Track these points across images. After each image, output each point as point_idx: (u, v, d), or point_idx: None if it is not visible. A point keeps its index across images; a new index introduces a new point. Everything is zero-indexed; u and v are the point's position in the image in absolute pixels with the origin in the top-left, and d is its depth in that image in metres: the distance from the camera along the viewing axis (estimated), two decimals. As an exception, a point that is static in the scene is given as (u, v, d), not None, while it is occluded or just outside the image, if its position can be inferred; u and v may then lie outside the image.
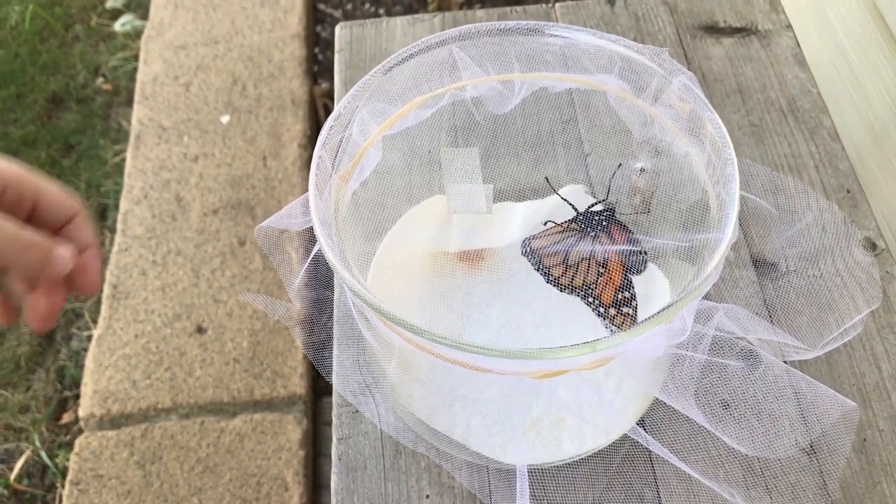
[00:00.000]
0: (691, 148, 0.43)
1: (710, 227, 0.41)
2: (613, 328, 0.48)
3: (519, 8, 0.78)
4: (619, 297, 0.47)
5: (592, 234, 0.49)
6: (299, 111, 1.52)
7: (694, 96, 0.43)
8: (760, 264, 0.61)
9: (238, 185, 1.42)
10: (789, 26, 0.76)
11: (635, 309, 0.48)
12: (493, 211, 0.54)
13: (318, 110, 1.58)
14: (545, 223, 0.51)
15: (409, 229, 0.57)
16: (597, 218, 0.49)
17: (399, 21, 0.77)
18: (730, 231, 0.38)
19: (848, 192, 0.65)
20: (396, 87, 0.48)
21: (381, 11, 1.87)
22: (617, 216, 0.49)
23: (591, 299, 0.48)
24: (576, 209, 0.50)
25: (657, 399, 0.49)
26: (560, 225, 0.50)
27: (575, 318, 0.51)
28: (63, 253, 0.37)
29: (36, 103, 1.77)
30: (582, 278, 0.48)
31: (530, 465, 0.47)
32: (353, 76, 0.74)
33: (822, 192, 0.66)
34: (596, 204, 0.50)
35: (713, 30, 0.76)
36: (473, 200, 0.52)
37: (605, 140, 0.52)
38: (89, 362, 1.28)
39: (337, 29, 0.77)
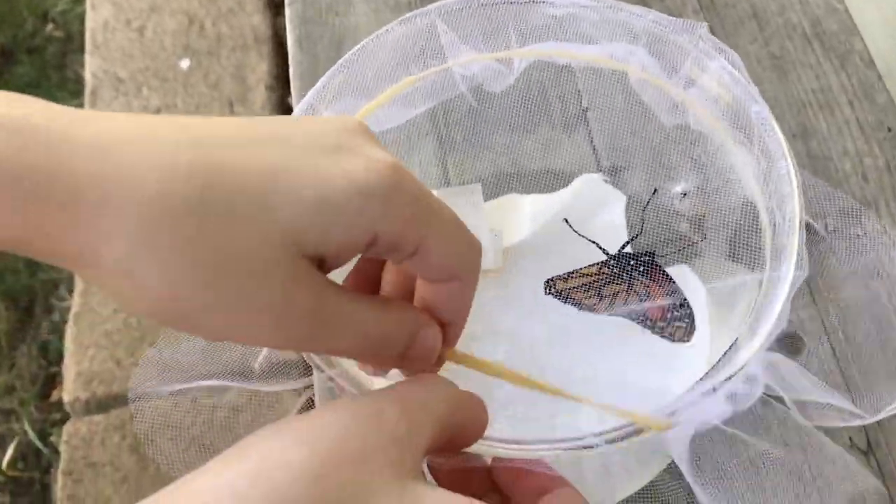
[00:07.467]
0: (736, 157, 0.35)
1: (764, 255, 0.33)
2: (667, 337, 0.40)
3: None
4: (670, 315, 0.39)
5: (627, 280, 0.40)
6: (263, 48, 1.41)
7: (737, 82, 0.34)
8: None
9: (206, 136, 1.33)
10: (807, -70, 0.66)
11: (691, 319, 0.39)
12: (497, 206, 0.46)
13: (284, 44, 1.48)
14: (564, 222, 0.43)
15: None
16: (632, 262, 0.40)
17: (358, -39, 0.66)
18: (791, 266, 0.29)
19: (889, 130, 0.57)
20: (371, 73, 0.39)
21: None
22: (657, 259, 0.40)
23: (636, 316, 0.40)
24: (606, 252, 0.41)
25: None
26: (587, 269, 0.42)
27: (597, 330, 0.43)
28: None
29: (-17, 59, 1.66)
30: (623, 302, 0.40)
31: None
32: (310, 32, 0.64)
33: (858, 131, 0.57)
34: (628, 243, 0.41)
35: (721, -57, 0.66)
36: None
37: (617, 121, 0.43)
38: (69, 343, 1.21)
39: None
